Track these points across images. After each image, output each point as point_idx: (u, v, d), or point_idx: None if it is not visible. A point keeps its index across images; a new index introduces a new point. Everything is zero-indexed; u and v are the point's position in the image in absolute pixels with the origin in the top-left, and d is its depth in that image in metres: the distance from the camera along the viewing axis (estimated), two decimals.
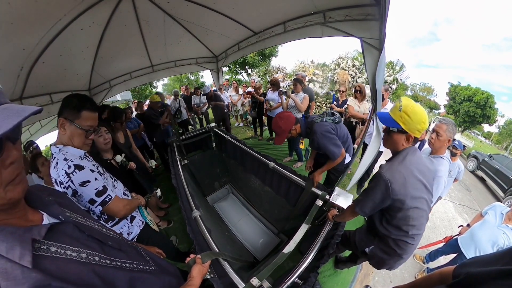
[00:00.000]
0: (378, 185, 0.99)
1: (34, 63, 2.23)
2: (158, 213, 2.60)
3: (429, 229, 2.92)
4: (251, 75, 13.05)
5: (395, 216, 1.05)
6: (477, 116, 19.89)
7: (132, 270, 0.60)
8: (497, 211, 1.71)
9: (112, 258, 0.56)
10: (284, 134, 1.73)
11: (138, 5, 2.35)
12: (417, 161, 1.03)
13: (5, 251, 0.37)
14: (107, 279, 0.50)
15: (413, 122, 0.95)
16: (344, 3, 1.77)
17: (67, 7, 1.84)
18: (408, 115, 0.95)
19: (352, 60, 10.20)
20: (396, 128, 0.99)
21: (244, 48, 3.71)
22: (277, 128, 1.74)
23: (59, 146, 0.94)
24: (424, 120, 0.96)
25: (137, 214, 1.31)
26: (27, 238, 0.40)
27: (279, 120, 1.72)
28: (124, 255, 0.61)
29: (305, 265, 0.98)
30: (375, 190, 1.00)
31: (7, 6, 1.46)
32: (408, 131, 0.97)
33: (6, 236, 0.38)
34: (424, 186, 1.01)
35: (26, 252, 0.38)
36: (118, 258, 0.58)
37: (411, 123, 0.95)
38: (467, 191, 5.15)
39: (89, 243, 0.53)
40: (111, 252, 0.57)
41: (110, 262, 0.54)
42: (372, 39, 1.55)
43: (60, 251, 0.45)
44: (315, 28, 2.21)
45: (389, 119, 1.00)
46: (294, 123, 1.74)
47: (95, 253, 0.52)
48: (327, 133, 1.65)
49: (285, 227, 2.15)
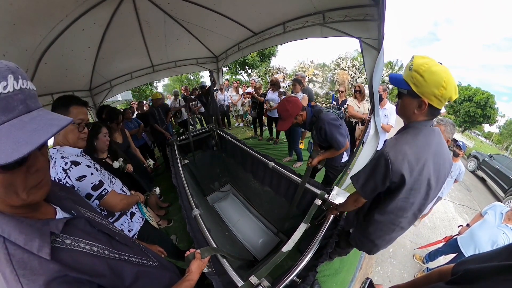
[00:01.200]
0: (379, 163, 0.85)
1: (38, 64, 2.25)
2: (158, 212, 2.61)
3: (429, 229, 2.92)
4: (251, 75, 13.08)
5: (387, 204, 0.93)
6: (478, 116, 19.89)
7: (138, 264, 0.63)
8: (497, 211, 1.71)
9: (120, 252, 0.58)
10: (291, 119, 1.65)
11: (139, 6, 2.37)
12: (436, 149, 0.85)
13: (23, 242, 0.38)
14: (116, 271, 0.52)
15: (427, 84, 0.76)
16: (343, 3, 1.78)
17: (69, 8, 1.86)
18: (421, 75, 0.76)
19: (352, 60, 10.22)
20: (405, 89, 0.82)
21: (244, 48, 3.72)
22: (284, 111, 1.64)
23: (57, 147, 0.98)
24: (445, 83, 0.74)
25: (137, 210, 1.33)
26: (45, 231, 0.41)
27: (287, 104, 1.63)
28: (130, 250, 0.64)
29: (304, 264, 0.98)
30: (376, 167, 0.87)
31: (9, 7, 1.48)
32: (420, 94, 0.78)
33: (25, 228, 0.39)
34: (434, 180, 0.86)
35: (45, 245, 0.39)
36: (124, 252, 0.60)
37: (425, 85, 0.77)
38: (467, 191, 5.14)
39: (99, 237, 0.55)
40: (118, 246, 0.59)
41: (118, 256, 0.56)
42: (370, 39, 1.56)
43: (74, 244, 0.46)
44: (315, 28, 2.23)
45: (399, 80, 0.84)
46: (301, 108, 1.67)
47: (105, 247, 0.54)
48: (334, 121, 1.64)
49: (284, 226, 2.16)
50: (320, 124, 1.66)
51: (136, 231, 1.25)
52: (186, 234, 2.39)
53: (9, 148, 0.30)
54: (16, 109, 0.34)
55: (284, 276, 0.95)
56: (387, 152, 0.82)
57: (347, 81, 9.52)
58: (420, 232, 2.80)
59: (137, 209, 1.34)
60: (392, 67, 11.94)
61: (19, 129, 0.32)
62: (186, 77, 20.79)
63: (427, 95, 0.78)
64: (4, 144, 0.30)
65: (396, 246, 2.45)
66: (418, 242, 2.58)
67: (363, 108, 3.17)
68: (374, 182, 0.90)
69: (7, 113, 0.33)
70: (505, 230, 1.58)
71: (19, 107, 0.35)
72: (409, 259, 2.33)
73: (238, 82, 6.77)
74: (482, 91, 20.05)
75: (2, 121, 0.32)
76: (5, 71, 0.33)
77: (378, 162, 0.86)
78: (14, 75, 0.35)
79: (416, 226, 2.87)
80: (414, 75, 0.78)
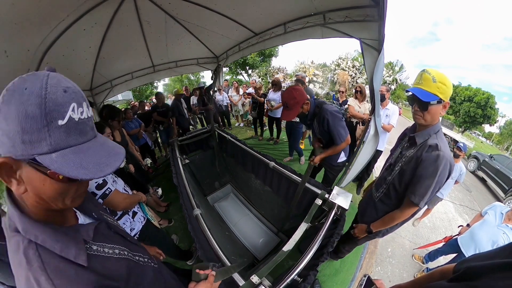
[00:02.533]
0: (444, 167, 0.93)
1: (39, 64, 2.24)
2: (158, 209, 2.63)
3: (428, 229, 2.93)
4: (252, 75, 13.09)
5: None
6: (478, 117, 19.87)
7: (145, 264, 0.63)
8: (497, 211, 1.72)
9: (133, 252, 0.58)
10: (297, 107, 1.61)
11: (140, 6, 2.37)
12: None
13: (59, 249, 0.38)
14: (134, 272, 0.53)
15: (448, 88, 0.93)
16: (344, 4, 1.78)
17: (70, 8, 1.86)
18: (444, 84, 0.92)
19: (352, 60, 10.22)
20: (436, 99, 0.94)
21: (244, 48, 3.73)
22: (291, 99, 1.59)
23: None
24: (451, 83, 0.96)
25: (139, 210, 1.34)
26: (79, 238, 0.43)
27: (294, 91, 1.60)
28: (140, 249, 0.64)
29: (305, 263, 0.99)
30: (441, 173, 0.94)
31: (11, 7, 1.48)
32: (445, 99, 0.95)
33: (61, 236, 0.40)
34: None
35: (81, 252, 0.40)
36: (136, 252, 0.60)
37: (447, 91, 0.93)
38: (468, 191, 5.14)
39: (116, 239, 0.55)
40: (131, 246, 0.60)
41: (133, 256, 0.57)
42: (371, 40, 1.57)
43: (100, 249, 0.47)
44: (315, 29, 2.23)
45: (429, 94, 0.94)
46: (307, 97, 1.65)
47: (124, 248, 0.54)
48: (337, 113, 1.64)
49: (284, 226, 2.16)
50: (323, 114, 1.64)
51: (138, 230, 1.27)
52: (187, 234, 2.40)
53: (92, 167, 0.36)
54: (88, 134, 0.40)
55: (285, 275, 0.95)
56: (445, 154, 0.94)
57: (348, 81, 9.52)
58: (420, 232, 2.80)
59: (139, 208, 1.35)
60: (393, 67, 11.95)
61: (96, 152, 0.39)
62: (186, 77, 20.81)
63: (448, 97, 0.95)
64: (87, 162, 0.36)
65: (395, 246, 2.46)
66: (418, 242, 2.58)
67: (363, 108, 3.17)
68: (439, 187, 0.98)
69: (83, 136, 0.38)
70: (505, 230, 1.59)
71: (90, 133, 0.40)
72: (408, 259, 2.33)
73: (237, 82, 6.78)
74: (482, 91, 20.03)
75: (79, 142, 0.38)
76: (81, 97, 0.38)
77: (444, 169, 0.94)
78: (86, 102, 0.39)
79: (416, 226, 2.88)
80: (439, 86, 0.92)
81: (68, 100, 0.36)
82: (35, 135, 0.33)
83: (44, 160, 0.34)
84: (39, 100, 0.33)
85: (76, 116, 0.37)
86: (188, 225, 1.32)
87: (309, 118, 1.78)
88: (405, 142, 1.18)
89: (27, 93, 0.33)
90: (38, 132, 0.33)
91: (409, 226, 2.81)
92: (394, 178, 1.15)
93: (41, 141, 0.33)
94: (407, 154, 1.10)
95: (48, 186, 0.37)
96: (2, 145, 0.34)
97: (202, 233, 1.27)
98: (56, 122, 0.34)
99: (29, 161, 0.34)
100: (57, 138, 0.34)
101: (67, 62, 2.60)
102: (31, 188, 0.37)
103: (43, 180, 0.36)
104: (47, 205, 0.40)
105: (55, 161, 0.34)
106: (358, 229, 1.38)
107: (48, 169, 0.34)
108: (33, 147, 0.33)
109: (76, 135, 0.37)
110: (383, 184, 1.24)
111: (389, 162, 1.26)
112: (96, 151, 0.39)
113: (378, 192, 1.27)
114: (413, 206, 1.05)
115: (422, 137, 1.05)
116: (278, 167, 1.98)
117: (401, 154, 1.16)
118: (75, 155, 0.36)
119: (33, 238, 0.37)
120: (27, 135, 0.33)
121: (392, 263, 2.24)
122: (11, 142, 0.33)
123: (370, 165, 2.91)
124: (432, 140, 1.00)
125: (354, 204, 1.70)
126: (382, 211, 1.25)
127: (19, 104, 0.32)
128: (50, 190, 0.37)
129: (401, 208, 1.12)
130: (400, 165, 1.12)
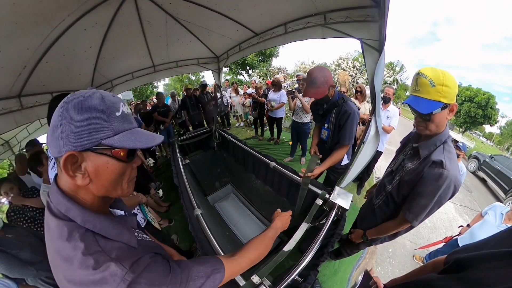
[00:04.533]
0: (446, 188, 0.83)
1: (38, 63, 2.24)
2: (159, 209, 2.64)
3: (429, 230, 2.93)
4: (252, 75, 13.09)
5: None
6: (478, 117, 19.87)
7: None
8: (497, 211, 1.72)
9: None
10: (326, 87, 1.51)
11: (140, 6, 2.37)
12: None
13: (115, 236, 0.47)
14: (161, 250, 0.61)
15: (452, 88, 0.78)
16: (345, 4, 1.78)
17: (71, 8, 1.86)
18: (446, 85, 0.77)
19: (353, 60, 10.22)
20: (439, 107, 0.80)
21: (245, 49, 3.73)
22: (321, 77, 1.47)
23: None
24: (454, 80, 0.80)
25: (139, 211, 1.33)
26: (128, 226, 0.52)
27: (326, 70, 1.51)
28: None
29: (305, 263, 0.99)
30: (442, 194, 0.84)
31: (12, 6, 1.47)
32: (450, 102, 0.80)
33: (116, 225, 0.48)
34: None
35: (132, 236, 0.50)
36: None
37: (451, 92, 0.78)
38: (468, 192, 5.14)
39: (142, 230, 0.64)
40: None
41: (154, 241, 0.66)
42: (372, 40, 1.57)
43: (140, 236, 0.57)
44: (316, 29, 2.23)
45: (429, 103, 0.80)
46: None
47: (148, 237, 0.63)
48: (358, 115, 1.60)
49: None
50: (347, 108, 1.57)
51: None
52: (187, 234, 2.41)
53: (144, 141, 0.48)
54: (133, 123, 0.51)
55: (285, 275, 0.95)
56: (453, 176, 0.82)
57: (348, 81, 9.52)
58: (420, 233, 2.80)
59: (139, 210, 1.35)
60: (393, 68, 11.96)
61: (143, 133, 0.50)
62: (186, 77, 20.81)
63: (454, 98, 0.80)
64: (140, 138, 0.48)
65: (395, 246, 2.46)
66: (418, 242, 2.58)
67: (364, 109, 3.18)
68: (439, 207, 0.90)
69: (131, 123, 0.50)
70: None
71: (134, 122, 0.52)
72: (409, 259, 2.33)
73: (237, 84, 6.79)
74: (483, 92, 20.03)
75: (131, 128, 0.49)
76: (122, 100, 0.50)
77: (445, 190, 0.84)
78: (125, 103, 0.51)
79: (415, 226, 2.88)
80: (439, 89, 0.78)
81: (118, 100, 0.48)
82: (100, 124, 0.43)
83: (109, 141, 0.44)
84: (99, 101, 0.44)
85: (125, 110, 0.49)
86: (189, 225, 1.32)
87: (327, 106, 1.67)
88: (409, 148, 1.09)
89: (88, 99, 0.43)
90: (102, 122, 0.43)
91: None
92: (393, 188, 1.10)
93: (104, 128, 0.43)
94: (408, 165, 1.01)
95: (111, 167, 0.46)
96: (67, 144, 0.41)
97: (203, 233, 1.27)
98: (114, 114, 0.45)
99: (94, 148, 0.43)
100: (117, 125, 0.45)
101: (68, 61, 2.60)
102: (94, 176, 0.45)
103: (106, 163, 0.45)
104: (107, 193, 0.48)
105: (117, 140, 0.44)
106: (354, 235, 1.40)
107: (113, 148, 0.44)
108: (99, 133, 0.43)
109: (128, 123, 0.49)
110: (382, 191, 1.22)
111: (391, 168, 1.22)
112: (143, 133, 0.50)
113: (377, 199, 1.27)
114: (407, 222, 0.99)
115: (427, 148, 0.92)
116: (279, 167, 1.98)
117: (403, 162, 1.08)
118: (131, 135, 0.47)
119: (91, 227, 0.44)
120: (93, 125, 0.42)
121: (393, 263, 2.24)
122: (77, 137, 0.41)
123: (370, 166, 2.91)
124: (437, 155, 0.86)
125: (355, 204, 1.71)
126: (380, 218, 1.24)
127: (83, 106, 0.42)
128: (113, 171, 0.46)
129: (396, 220, 1.06)
130: (401, 175, 1.05)
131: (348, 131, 1.58)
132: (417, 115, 0.88)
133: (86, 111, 0.42)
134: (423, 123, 0.88)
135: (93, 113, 0.42)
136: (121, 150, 0.45)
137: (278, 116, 4.15)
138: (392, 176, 1.15)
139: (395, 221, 1.07)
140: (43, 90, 2.82)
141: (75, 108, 0.42)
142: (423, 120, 0.87)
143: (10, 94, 2.40)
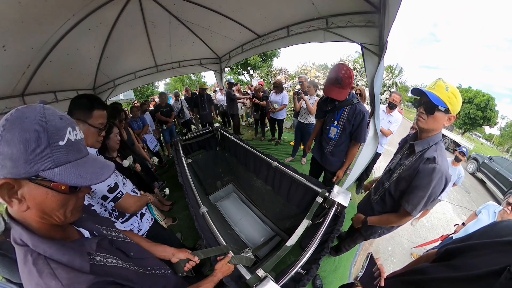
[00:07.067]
0: (439, 180, 0.96)
1: (42, 62, 2.25)
2: (162, 208, 2.67)
3: (426, 229, 2.98)
4: (253, 76, 13.12)
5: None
6: (478, 118, 19.90)
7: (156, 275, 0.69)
8: (490, 210, 1.77)
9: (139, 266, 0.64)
10: (349, 88, 1.58)
11: (145, 6, 2.41)
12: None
13: (66, 262, 0.44)
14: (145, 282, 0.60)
15: (458, 102, 0.93)
16: (346, 9, 1.83)
17: (76, 8, 1.87)
18: (455, 96, 0.93)
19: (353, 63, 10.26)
20: (444, 107, 0.94)
21: (247, 50, 3.77)
22: (348, 77, 1.51)
23: None
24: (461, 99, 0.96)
25: (146, 211, 1.36)
26: (83, 251, 0.49)
27: (351, 71, 1.54)
28: (145, 263, 0.69)
29: (307, 257, 1.04)
30: (435, 186, 0.96)
31: (18, 5, 1.47)
32: (452, 111, 0.95)
33: (67, 250, 0.46)
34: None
35: (84, 263, 0.47)
36: (142, 266, 0.65)
37: (456, 104, 0.93)
38: (466, 193, 5.19)
39: (118, 254, 0.61)
40: (134, 261, 0.65)
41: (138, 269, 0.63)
42: (372, 45, 1.62)
43: (103, 260, 0.53)
44: (318, 33, 2.28)
45: (439, 100, 0.94)
46: None
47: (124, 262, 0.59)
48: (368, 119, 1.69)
49: (286, 225, 2.21)
50: (361, 108, 1.63)
51: (146, 231, 1.28)
52: (191, 232, 2.45)
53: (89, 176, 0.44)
54: (83, 152, 0.47)
55: (288, 268, 1.00)
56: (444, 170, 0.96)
57: None
58: (418, 232, 2.86)
59: (147, 209, 1.37)
60: (392, 71, 12.01)
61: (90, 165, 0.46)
62: (187, 77, 20.81)
63: (456, 111, 0.95)
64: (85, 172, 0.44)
65: (394, 244, 2.51)
66: (416, 241, 2.64)
67: None
68: (434, 198, 1.01)
69: (79, 153, 0.46)
70: None
71: (84, 150, 0.48)
72: (407, 257, 2.39)
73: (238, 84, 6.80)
74: (482, 93, 20.06)
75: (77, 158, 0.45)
76: (73, 123, 0.46)
77: (438, 182, 0.97)
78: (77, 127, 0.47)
79: (414, 226, 2.93)
80: (450, 96, 0.93)
81: (65, 125, 0.43)
82: (37, 155, 0.39)
83: (48, 174, 0.40)
84: (41, 126, 0.39)
85: (72, 137, 0.44)
86: (195, 222, 1.36)
87: (339, 104, 1.69)
88: (405, 149, 1.21)
89: (29, 122, 0.39)
90: (42, 152, 0.39)
91: (407, 226, 2.87)
92: (391, 184, 1.20)
93: (44, 159, 0.39)
94: (406, 162, 1.13)
95: (51, 198, 0.42)
96: (3, 168, 0.38)
97: (209, 230, 1.31)
98: (57, 143, 0.41)
99: (32, 178, 0.39)
100: (58, 156, 0.41)
101: (71, 61, 2.61)
102: (33, 204, 0.42)
103: (46, 194, 0.42)
104: (50, 220, 0.45)
105: (58, 174, 0.41)
106: (355, 218, 1.47)
107: (52, 181, 0.41)
108: (36, 164, 0.39)
109: (74, 153, 0.44)
110: (380, 188, 1.31)
111: (389, 167, 1.31)
112: (90, 164, 0.46)
113: (375, 195, 1.35)
114: (408, 215, 1.09)
115: (421, 146, 1.06)
116: (281, 167, 2.02)
117: (400, 161, 1.19)
118: (75, 168, 0.43)
119: (42, 252, 0.42)
120: (30, 155, 0.38)
121: (394, 261, 2.30)
122: (14, 163, 0.37)
123: (369, 166, 2.96)
124: (430, 153, 1.01)
125: (353, 203, 1.75)
126: (377, 212, 1.33)
127: (23, 130, 0.38)
128: (53, 201, 0.43)
129: (398, 213, 1.16)
130: (398, 172, 1.16)
131: (364, 131, 1.67)
132: (423, 107, 1.00)
133: (24, 138, 0.37)
134: (425, 115, 1.00)
135: (31, 141, 0.38)
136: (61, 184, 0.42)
137: (280, 118, 4.19)
138: (390, 174, 1.24)
139: (398, 214, 1.15)
140: (46, 89, 2.84)
141: (15, 130, 0.37)
142: (426, 113, 0.99)
143: (13, 93, 2.41)
